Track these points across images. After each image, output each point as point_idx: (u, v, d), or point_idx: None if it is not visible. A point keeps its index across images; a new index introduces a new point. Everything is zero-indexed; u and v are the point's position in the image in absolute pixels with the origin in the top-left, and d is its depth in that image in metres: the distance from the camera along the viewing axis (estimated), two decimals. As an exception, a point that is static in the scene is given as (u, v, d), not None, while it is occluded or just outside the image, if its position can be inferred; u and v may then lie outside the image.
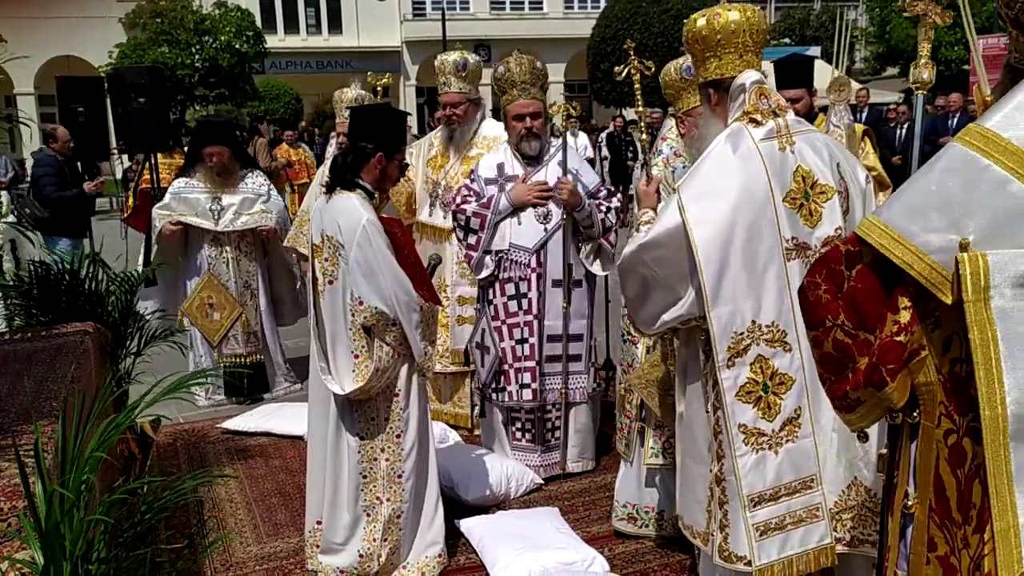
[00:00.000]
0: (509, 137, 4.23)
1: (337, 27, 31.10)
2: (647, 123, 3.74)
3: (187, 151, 6.35)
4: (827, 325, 1.63)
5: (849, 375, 1.61)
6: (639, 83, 3.41)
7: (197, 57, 22.65)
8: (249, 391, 5.68)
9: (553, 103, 4.08)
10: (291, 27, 30.72)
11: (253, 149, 12.32)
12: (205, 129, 5.99)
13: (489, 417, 4.36)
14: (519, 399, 4.14)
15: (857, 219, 2.45)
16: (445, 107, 4.83)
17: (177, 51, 22.45)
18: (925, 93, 3.40)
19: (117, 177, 14.55)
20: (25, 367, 3.32)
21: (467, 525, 3.67)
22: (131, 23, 23.66)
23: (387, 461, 3.24)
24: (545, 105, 4.13)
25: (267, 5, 29.73)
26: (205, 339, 5.62)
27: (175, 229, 5.49)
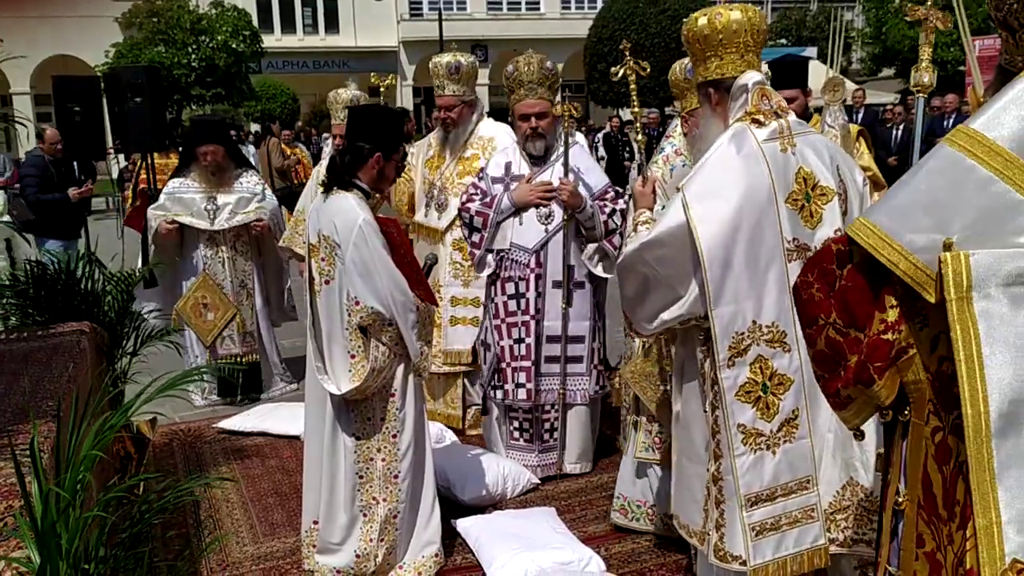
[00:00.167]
0: (516, 137, 4.27)
1: (334, 27, 31.12)
2: (643, 124, 3.74)
3: (181, 151, 6.34)
4: (820, 323, 1.64)
5: (841, 372, 1.63)
6: (635, 84, 3.41)
7: (193, 57, 22.62)
8: (243, 391, 5.67)
9: (557, 103, 4.08)
10: (288, 27, 30.75)
11: (266, 148, 12.35)
12: (199, 128, 5.99)
13: (490, 415, 4.37)
14: (514, 398, 4.15)
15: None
16: (440, 110, 4.84)
17: (173, 51, 22.41)
18: (925, 96, 3.42)
19: (113, 177, 14.51)
20: (21, 367, 3.32)
21: (463, 525, 3.67)
22: (127, 23, 23.60)
23: (383, 461, 3.24)
24: (553, 105, 4.13)
25: (264, 5, 29.75)
26: (199, 339, 5.62)
27: (171, 228, 5.49)
